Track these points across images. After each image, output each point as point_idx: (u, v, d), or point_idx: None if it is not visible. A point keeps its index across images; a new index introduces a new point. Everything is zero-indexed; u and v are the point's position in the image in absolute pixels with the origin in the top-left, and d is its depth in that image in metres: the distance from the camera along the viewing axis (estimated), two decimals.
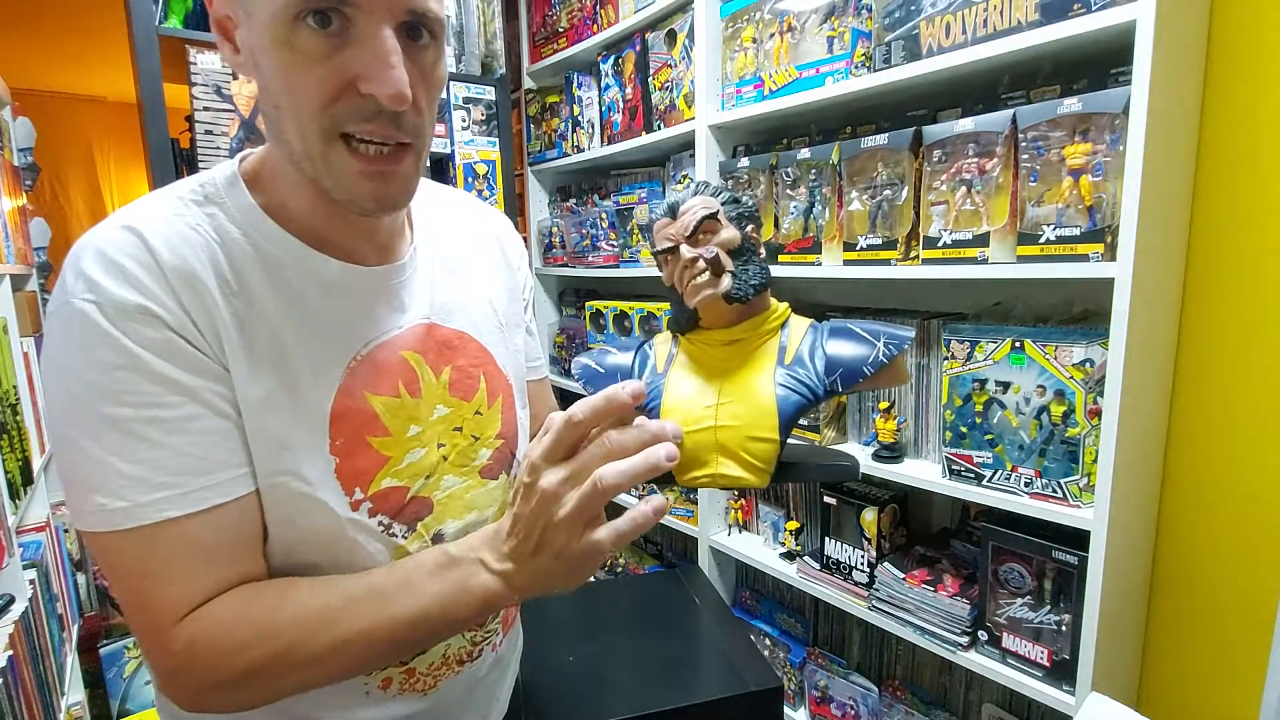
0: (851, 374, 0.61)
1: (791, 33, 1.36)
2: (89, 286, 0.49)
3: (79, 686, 1.77)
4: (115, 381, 0.49)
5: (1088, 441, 1.02)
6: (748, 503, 1.71)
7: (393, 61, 0.49)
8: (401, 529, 0.61)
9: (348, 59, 0.49)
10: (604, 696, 1.09)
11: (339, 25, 0.48)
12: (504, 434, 0.69)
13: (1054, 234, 1.01)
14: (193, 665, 0.51)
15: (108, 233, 0.51)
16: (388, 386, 0.60)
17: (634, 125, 1.87)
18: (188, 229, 0.54)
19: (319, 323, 0.58)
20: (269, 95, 0.52)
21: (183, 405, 0.51)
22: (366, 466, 0.59)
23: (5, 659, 1.18)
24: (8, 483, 1.35)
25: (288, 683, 0.53)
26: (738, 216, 0.66)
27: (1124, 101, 0.92)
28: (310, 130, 0.50)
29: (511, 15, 2.30)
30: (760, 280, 0.65)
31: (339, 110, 0.50)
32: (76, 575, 2.04)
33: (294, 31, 0.48)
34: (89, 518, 0.50)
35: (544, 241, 2.37)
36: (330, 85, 0.49)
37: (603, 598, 1.55)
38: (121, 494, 0.49)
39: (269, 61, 0.49)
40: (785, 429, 0.62)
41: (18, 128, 2.24)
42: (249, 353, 0.54)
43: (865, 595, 1.34)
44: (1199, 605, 1.14)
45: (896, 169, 1.21)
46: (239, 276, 0.54)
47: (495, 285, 0.74)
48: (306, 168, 0.53)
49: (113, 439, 0.49)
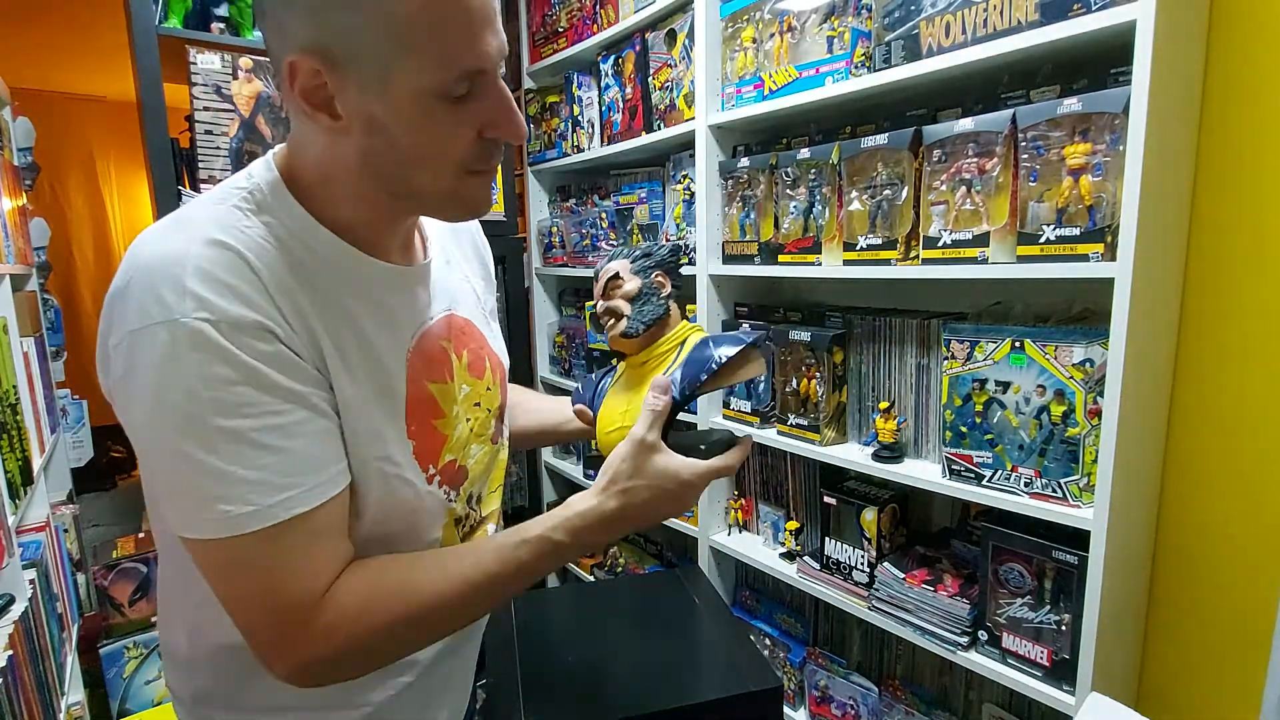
0: (691, 379, 0.74)
1: (791, 33, 1.36)
2: (199, 304, 0.51)
3: (79, 686, 1.77)
4: (234, 395, 0.52)
5: (1088, 441, 1.02)
6: (748, 503, 1.71)
7: (514, 107, 0.57)
8: (453, 493, 0.71)
9: (478, 112, 0.55)
10: (604, 696, 1.09)
11: (470, 89, 0.54)
12: (503, 404, 0.81)
13: (1054, 234, 1.01)
14: (333, 637, 0.56)
15: (201, 249, 0.53)
16: (439, 374, 0.69)
17: (634, 125, 1.87)
18: (262, 240, 0.56)
19: (380, 320, 0.63)
20: (390, 154, 0.56)
21: (295, 411, 0.55)
22: (434, 445, 0.67)
23: (5, 659, 1.18)
24: (8, 483, 1.35)
25: (414, 638, 0.61)
26: (644, 269, 0.83)
27: (1124, 101, 0.92)
28: (445, 177, 0.57)
29: (511, 15, 2.30)
30: (652, 318, 0.80)
31: (470, 157, 0.57)
32: (76, 575, 2.04)
33: (433, 104, 0.53)
34: (212, 526, 0.53)
35: (544, 241, 2.37)
36: (466, 140, 0.56)
37: (603, 598, 1.55)
38: (248, 499, 0.52)
39: (401, 129, 0.54)
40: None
41: (18, 128, 2.24)
42: (342, 357, 0.59)
43: (865, 595, 1.34)
44: (1199, 605, 1.14)
45: (896, 169, 1.21)
46: (315, 284, 0.58)
47: (474, 274, 0.83)
48: (425, 200, 0.60)
49: (232, 449, 0.52)
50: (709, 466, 0.70)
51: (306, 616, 0.55)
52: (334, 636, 0.56)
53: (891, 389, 1.35)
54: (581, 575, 2.30)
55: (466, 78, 0.53)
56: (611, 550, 2.29)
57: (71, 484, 2.30)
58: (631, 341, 0.81)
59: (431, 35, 0.51)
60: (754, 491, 1.71)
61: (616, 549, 2.28)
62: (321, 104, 0.54)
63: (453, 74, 0.52)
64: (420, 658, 0.71)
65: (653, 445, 0.68)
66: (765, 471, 1.68)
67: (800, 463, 1.58)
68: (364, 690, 0.68)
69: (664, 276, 0.83)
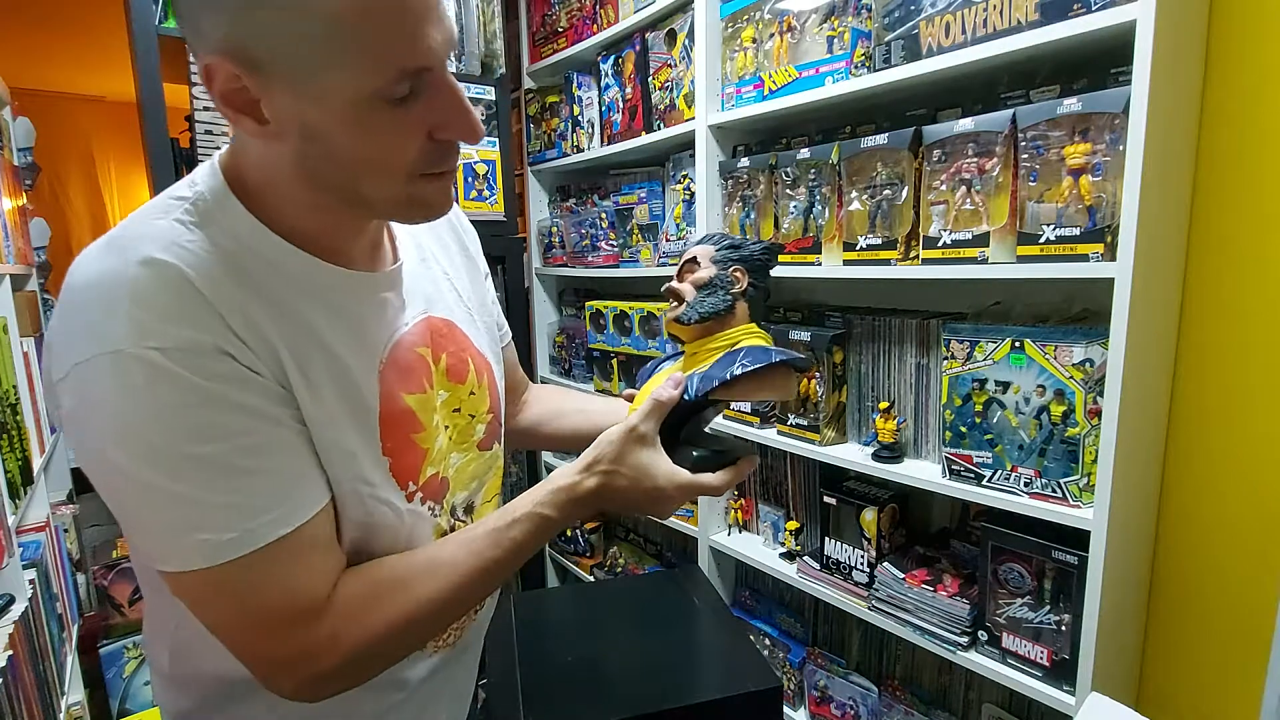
0: (705, 382, 0.71)
1: (791, 33, 1.36)
2: (144, 333, 0.47)
3: (79, 686, 1.77)
4: (198, 420, 0.49)
5: (1087, 441, 1.02)
6: (748, 503, 1.71)
7: (467, 106, 0.52)
8: (435, 506, 0.67)
9: (424, 114, 0.51)
10: (604, 696, 1.09)
11: (413, 89, 0.49)
12: (492, 408, 0.76)
13: (1054, 234, 1.01)
14: (339, 644, 0.54)
15: (138, 270, 0.49)
16: (416, 384, 0.64)
17: (634, 125, 1.87)
18: (206, 254, 0.52)
19: (346, 331, 0.59)
20: (329, 162, 0.52)
21: (265, 430, 0.52)
22: (412, 462, 0.63)
23: (5, 659, 1.18)
24: (8, 483, 1.35)
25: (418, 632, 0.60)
26: (725, 259, 0.78)
27: (1124, 101, 0.92)
28: (395, 184, 0.53)
29: (511, 15, 2.30)
30: (710, 310, 0.75)
31: (421, 161, 0.53)
32: (76, 575, 2.04)
33: (374, 108, 0.49)
34: (193, 556, 0.50)
35: (544, 241, 2.37)
36: (415, 144, 0.52)
37: (603, 598, 1.55)
38: (229, 525, 0.50)
39: (341, 134, 0.50)
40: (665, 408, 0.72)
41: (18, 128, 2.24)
42: (305, 373, 0.55)
43: (865, 595, 1.34)
44: (1199, 605, 1.14)
45: (896, 169, 1.21)
46: (270, 297, 0.54)
47: (459, 273, 0.78)
48: (380, 206, 0.56)
49: (204, 476, 0.49)
50: (691, 483, 0.67)
51: (308, 630, 0.53)
52: (340, 644, 0.54)
53: (891, 389, 1.35)
54: (581, 575, 2.30)
55: (407, 77, 0.48)
56: (611, 550, 2.29)
57: (72, 484, 2.30)
58: (683, 329, 0.77)
59: (362, 34, 0.46)
60: (754, 491, 1.71)
61: (616, 549, 2.28)
62: (245, 108, 0.49)
63: (390, 75, 0.48)
64: (411, 676, 0.68)
65: (642, 436, 0.65)
66: (765, 471, 1.67)
67: (800, 463, 1.58)
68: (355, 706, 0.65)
69: (743, 273, 0.78)
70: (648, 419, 0.66)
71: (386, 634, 0.57)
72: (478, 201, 1.91)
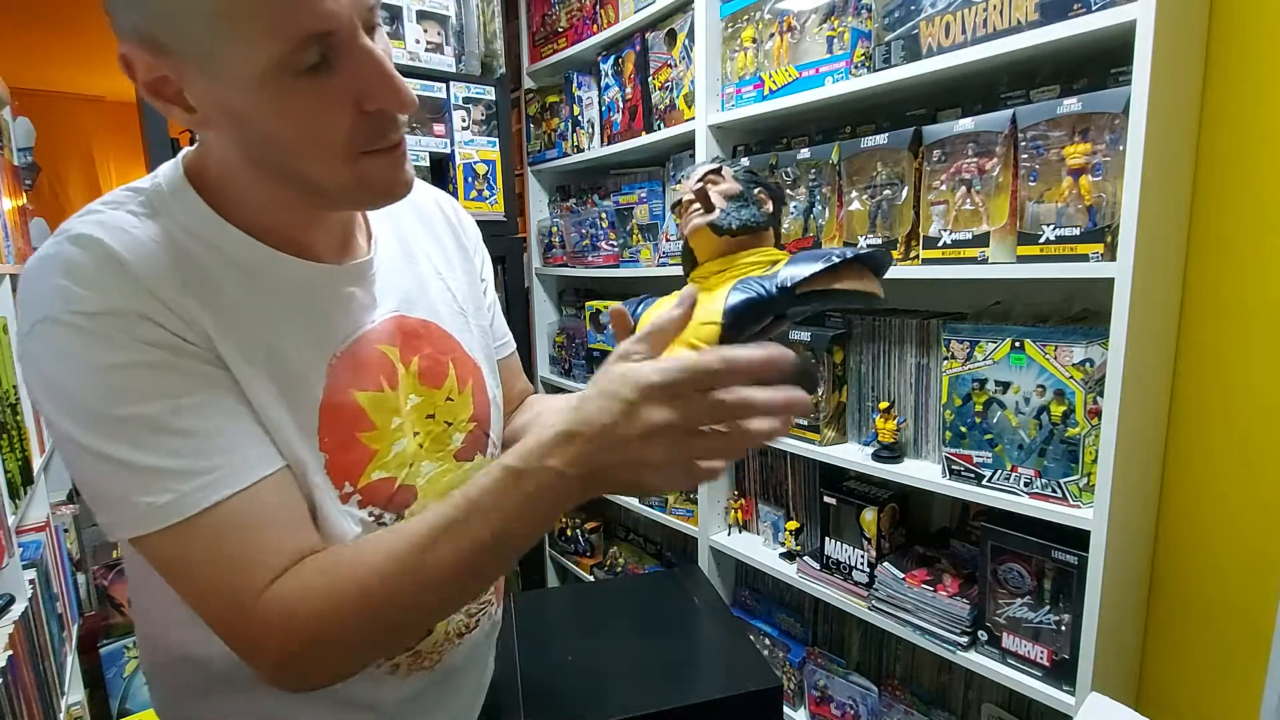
0: (797, 272, 0.59)
1: (791, 33, 1.36)
2: (69, 299, 0.47)
3: (79, 686, 1.76)
4: (125, 380, 0.48)
5: (1087, 441, 1.02)
6: (748, 503, 1.71)
7: (389, 70, 0.49)
8: (391, 518, 0.62)
9: (345, 85, 0.48)
10: (604, 696, 1.09)
11: (325, 57, 0.47)
12: (476, 417, 0.71)
13: (1054, 234, 1.01)
14: (286, 633, 0.50)
15: (69, 248, 0.49)
16: (371, 382, 0.61)
17: (634, 125, 1.87)
18: (151, 241, 0.51)
19: (299, 323, 0.57)
20: (265, 147, 0.50)
21: (198, 392, 0.50)
22: (355, 460, 0.59)
23: (5, 659, 1.18)
24: (8, 483, 1.35)
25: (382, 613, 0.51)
26: (749, 182, 0.69)
27: (1124, 101, 0.92)
28: (335, 163, 0.51)
29: (511, 15, 2.30)
30: (749, 219, 0.66)
31: (357, 137, 0.50)
32: (76, 575, 2.04)
33: (285, 84, 0.46)
34: (140, 520, 0.48)
35: (544, 241, 2.37)
36: (344, 120, 0.49)
37: (603, 598, 1.55)
38: (167, 487, 0.48)
39: (263, 118, 0.48)
40: (731, 315, 0.61)
41: (18, 128, 2.24)
42: (245, 355, 0.53)
43: (865, 595, 1.34)
44: (1199, 605, 1.14)
45: (896, 169, 1.21)
46: (214, 286, 0.53)
47: (454, 272, 0.74)
48: (329, 193, 0.53)
49: (138, 436, 0.48)
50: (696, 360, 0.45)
51: (263, 611, 0.49)
52: (293, 626, 0.49)
53: (891, 389, 1.35)
54: (581, 575, 2.30)
55: (312, 43, 0.45)
56: (611, 550, 2.29)
57: (72, 484, 2.30)
58: (717, 242, 0.67)
59: (252, 2, 0.44)
60: (754, 491, 1.71)
61: (616, 549, 2.28)
62: (172, 97, 0.49)
63: (289, 42, 0.45)
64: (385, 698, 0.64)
65: (625, 354, 0.50)
66: (765, 471, 1.68)
67: (800, 463, 1.58)
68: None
69: (767, 197, 0.71)
70: (639, 342, 0.50)
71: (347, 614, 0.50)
72: (478, 201, 1.91)
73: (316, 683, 0.53)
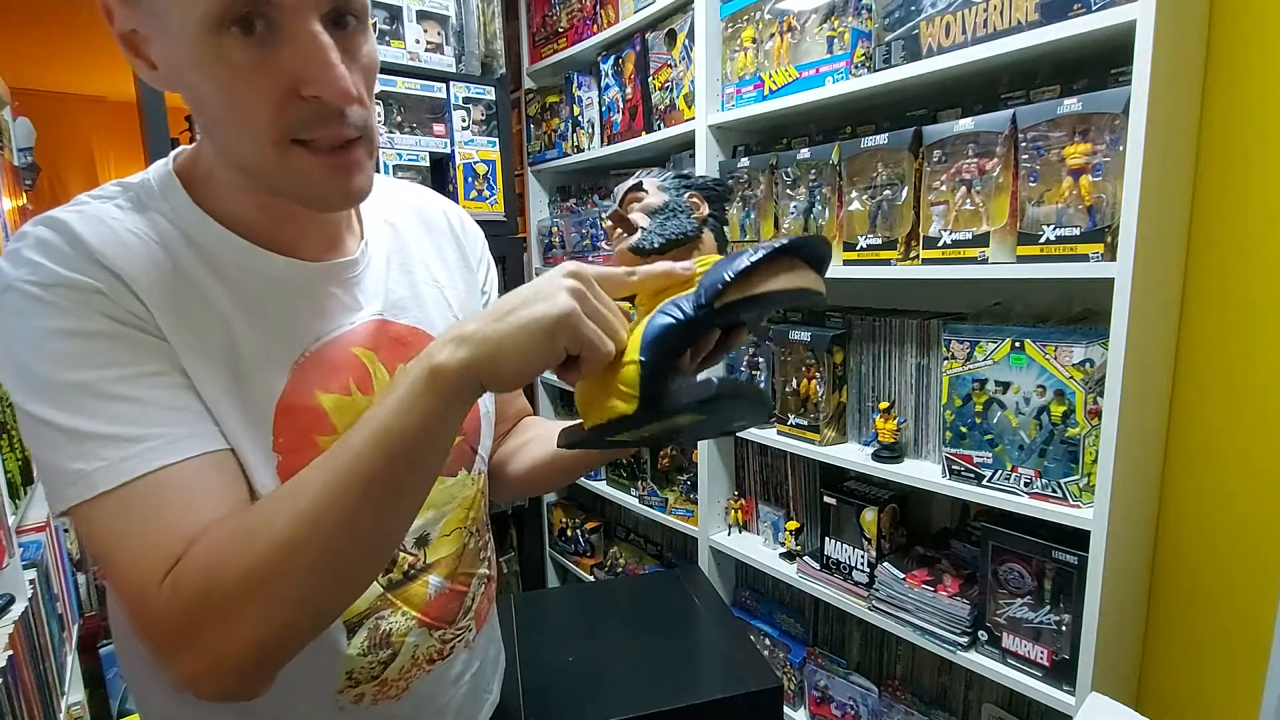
0: (713, 282, 0.51)
1: (791, 33, 1.36)
2: (31, 269, 0.48)
3: (79, 686, 1.76)
4: (73, 348, 0.48)
5: (1087, 441, 1.02)
6: (748, 503, 1.71)
7: (332, 59, 0.47)
8: None
9: (284, 63, 0.47)
10: (604, 696, 1.09)
11: (264, 29, 0.46)
12: (463, 430, 0.67)
13: (1054, 234, 1.01)
14: (184, 607, 0.45)
15: (39, 229, 0.50)
16: (338, 384, 0.59)
17: (634, 125, 1.87)
18: (126, 233, 0.52)
19: (267, 320, 0.56)
20: (205, 111, 0.50)
21: (143, 364, 0.49)
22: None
23: (5, 659, 1.18)
24: (8, 483, 1.35)
25: (280, 591, 0.45)
26: (676, 187, 0.67)
27: (1124, 101, 0.92)
28: (262, 143, 0.49)
29: (511, 15, 2.30)
30: (676, 232, 0.62)
31: (288, 119, 0.48)
32: (76, 575, 2.04)
33: (220, 43, 0.45)
34: (73, 489, 0.46)
35: (544, 241, 2.37)
36: (274, 96, 0.47)
37: (603, 598, 1.55)
38: (99, 454, 0.47)
39: (199, 78, 0.47)
40: (651, 349, 0.52)
41: (18, 128, 2.25)
42: (200, 348, 0.52)
43: (865, 595, 1.34)
44: (1199, 605, 1.14)
45: (896, 169, 1.21)
46: (186, 276, 0.53)
47: (453, 282, 0.73)
48: (261, 178, 0.52)
49: (78, 401, 0.47)
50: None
51: (157, 589, 0.45)
52: (185, 602, 0.45)
53: (891, 389, 1.35)
54: (581, 575, 2.30)
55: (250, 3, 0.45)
56: (611, 550, 2.29)
57: None
58: (642, 261, 0.62)
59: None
60: (754, 491, 1.71)
61: (617, 549, 2.28)
62: (140, 51, 0.50)
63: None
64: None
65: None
66: (765, 471, 1.68)
67: (800, 463, 1.58)
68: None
69: (700, 199, 0.67)
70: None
71: (236, 587, 0.45)
72: (478, 202, 1.91)
73: (230, 668, 0.46)
